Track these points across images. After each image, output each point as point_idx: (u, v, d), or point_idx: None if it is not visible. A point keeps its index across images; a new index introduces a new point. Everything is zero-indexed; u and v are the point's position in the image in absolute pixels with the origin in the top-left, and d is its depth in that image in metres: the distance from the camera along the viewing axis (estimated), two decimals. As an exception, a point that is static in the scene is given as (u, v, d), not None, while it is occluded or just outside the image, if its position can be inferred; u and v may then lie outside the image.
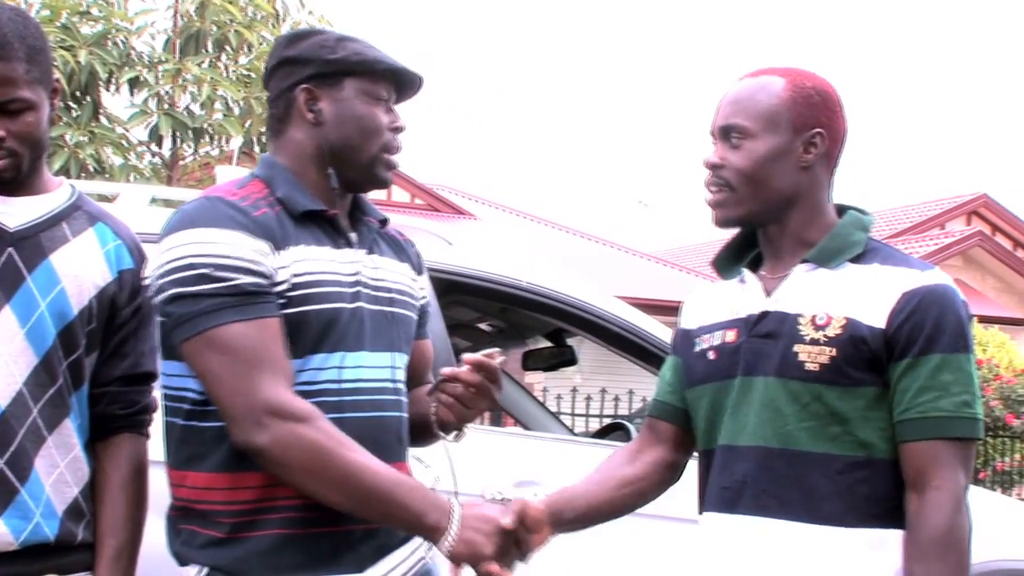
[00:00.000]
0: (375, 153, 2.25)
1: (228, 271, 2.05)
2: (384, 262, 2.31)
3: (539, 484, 3.25)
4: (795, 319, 2.14)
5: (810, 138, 2.18)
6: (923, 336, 2.06)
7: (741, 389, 2.18)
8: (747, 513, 2.15)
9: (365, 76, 2.24)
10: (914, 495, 2.05)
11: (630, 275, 19.26)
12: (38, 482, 2.05)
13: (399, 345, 2.29)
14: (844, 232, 2.20)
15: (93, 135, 9.55)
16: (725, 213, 2.22)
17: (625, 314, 3.68)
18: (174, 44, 10.16)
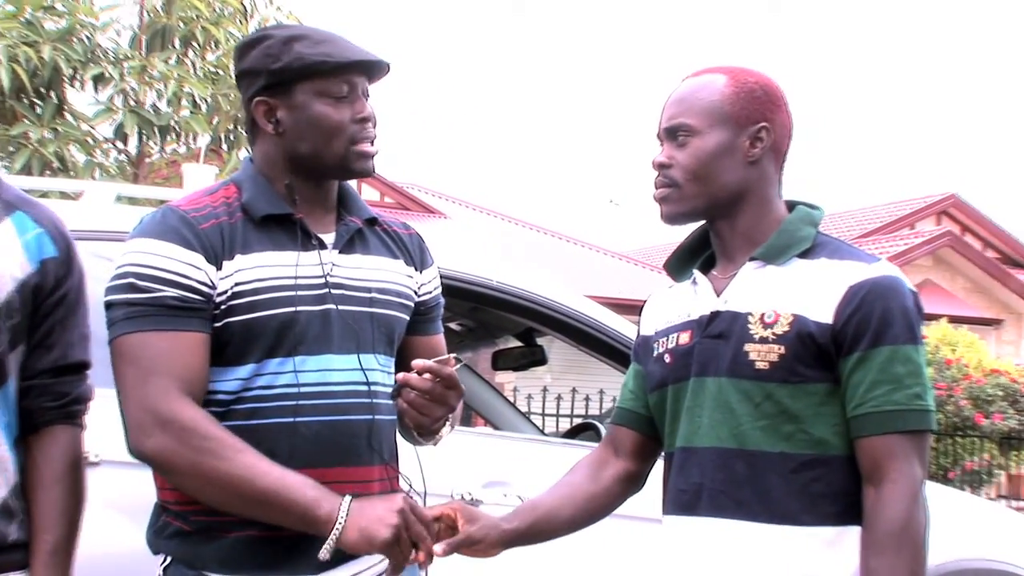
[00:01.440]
0: (342, 152, 2.24)
1: (154, 282, 2.11)
2: (366, 261, 2.30)
3: (509, 484, 3.25)
4: (745, 318, 2.14)
5: (755, 133, 2.19)
6: (871, 329, 2.06)
7: (695, 390, 2.18)
8: (705, 515, 2.15)
9: (315, 77, 2.22)
10: (871, 489, 2.05)
11: (600, 274, 19.32)
12: None
13: (378, 346, 2.27)
14: (792, 228, 2.20)
15: (57, 132, 9.51)
16: (671, 208, 2.22)
17: (595, 313, 3.68)
18: (140, 40, 10.12)
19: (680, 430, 2.22)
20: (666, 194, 2.21)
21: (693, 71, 2.29)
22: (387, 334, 2.30)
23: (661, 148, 2.23)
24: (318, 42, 2.23)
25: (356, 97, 2.25)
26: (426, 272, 2.44)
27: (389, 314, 2.30)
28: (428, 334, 2.46)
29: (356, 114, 2.24)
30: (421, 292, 2.42)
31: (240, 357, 2.17)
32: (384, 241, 2.37)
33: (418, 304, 2.41)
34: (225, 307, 2.15)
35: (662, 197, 2.22)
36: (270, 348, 2.16)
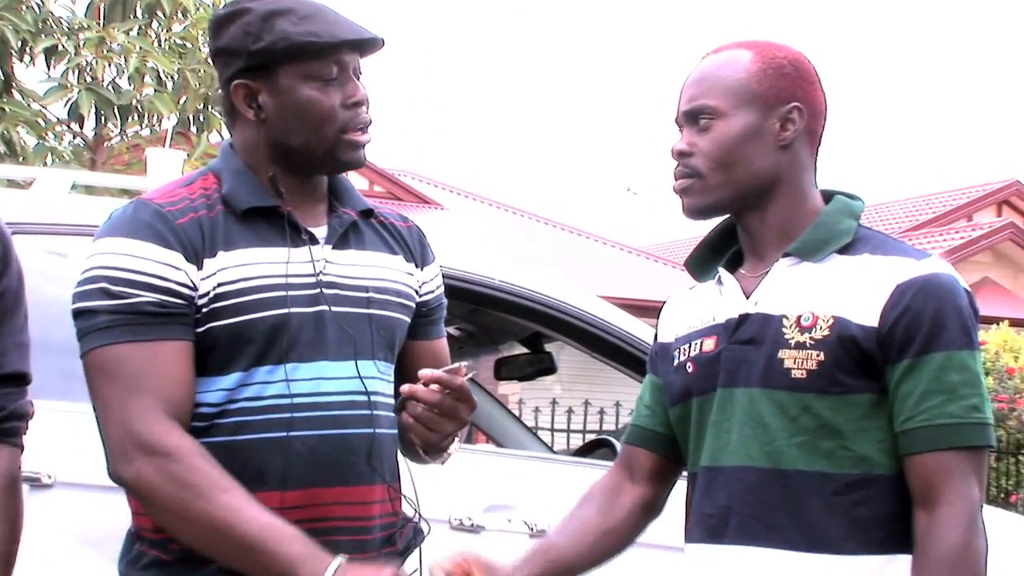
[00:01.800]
0: (332, 139, 2.23)
1: (130, 286, 2.11)
2: (362, 257, 2.30)
3: (514, 508, 3.26)
4: (779, 321, 2.13)
5: (786, 114, 2.18)
6: (922, 333, 2.04)
7: (721, 403, 2.18)
8: (734, 543, 2.14)
9: (301, 58, 2.21)
10: (923, 513, 2.04)
11: (616, 272, 19.32)
12: None
13: (377, 352, 2.27)
14: (830, 220, 2.19)
15: (3, 112, 9.52)
16: (693, 201, 2.21)
17: (610, 316, 3.69)
18: (98, 9, 10.13)
19: (705, 447, 2.21)
20: (688, 185, 2.20)
21: (714, 47, 2.27)
22: (387, 338, 2.30)
23: (680, 134, 2.23)
24: (303, 17, 2.20)
25: (347, 79, 2.24)
26: (427, 269, 2.44)
27: (389, 315, 2.30)
28: (430, 338, 2.46)
29: (348, 98, 2.24)
30: (423, 292, 2.42)
31: (225, 365, 2.18)
32: (381, 235, 2.37)
33: (419, 305, 2.41)
34: (207, 310, 2.15)
35: (683, 188, 2.21)
36: (259, 355, 2.17)
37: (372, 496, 2.24)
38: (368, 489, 2.23)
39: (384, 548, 2.26)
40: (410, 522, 2.37)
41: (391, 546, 2.28)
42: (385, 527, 2.27)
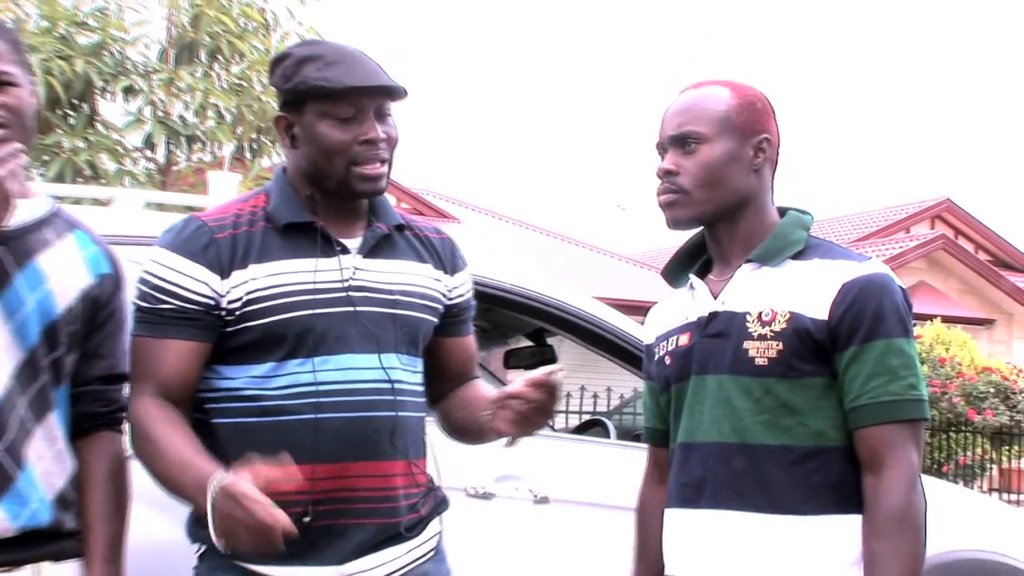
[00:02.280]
0: (342, 172, 2.22)
1: (160, 292, 2.19)
2: (391, 265, 2.29)
3: (521, 478, 3.25)
4: (743, 317, 2.14)
5: (758, 143, 2.20)
6: (865, 324, 2.07)
7: (695, 388, 2.18)
8: (707, 507, 2.15)
9: (320, 99, 2.21)
10: (870, 477, 2.06)
11: (608, 277, 19.30)
12: (30, 471, 2.04)
13: (400, 346, 2.26)
14: (785, 231, 2.21)
15: (89, 141, 9.52)
16: (678, 213, 2.21)
17: (603, 314, 3.68)
18: (168, 54, 10.14)
19: (681, 427, 2.22)
20: (674, 200, 2.20)
21: (691, 83, 2.28)
22: (410, 335, 2.29)
23: (663, 156, 2.22)
24: (328, 64, 2.21)
25: (364, 119, 2.22)
26: (457, 276, 2.43)
27: (413, 315, 2.29)
28: (459, 335, 2.45)
29: (360, 136, 2.22)
30: (452, 295, 2.41)
31: (259, 357, 2.19)
32: (413, 246, 2.36)
33: (449, 307, 2.40)
34: (240, 313, 2.18)
35: (669, 203, 2.21)
36: (290, 350, 2.18)
37: (394, 470, 2.23)
38: (390, 464, 2.22)
39: (409, 515, 2.25)
40: (435, 493, 2.36)
41: (415, 513, 2.27)
42: (409, 497, 2.26)
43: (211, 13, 9.90)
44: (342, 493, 2.17)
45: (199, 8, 9.96)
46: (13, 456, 2.01)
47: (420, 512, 2.29)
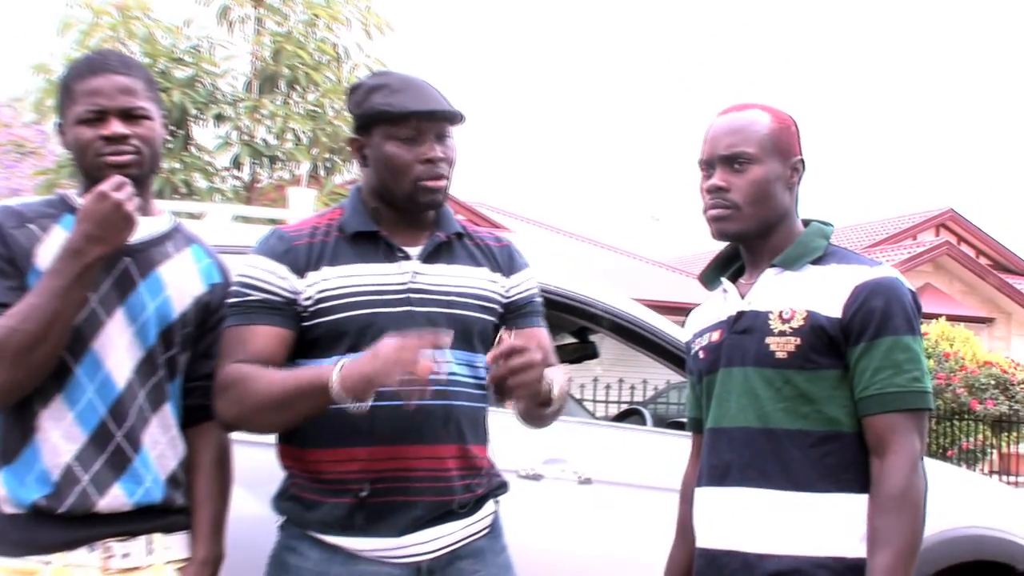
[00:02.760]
0: (408, 187, 2.24)
1: (248, 288, 2.21)
2: (448, 269, 2.30)
3: (566, 461, 3.24)
4: (765, 316, 2.15)
5: (794, 164, 2.21)
6: (874, 322, 2.07)
7: (723, 379, 2.19)
8: (734, 485, 2.15)
9: (386, 123, 2.23)
10: (876, 460, 2.06)
11: (644, 280, 19.23)
12: (146, 454, 2.09)
13: (455, 342, 2.22)
14: (806, 240, 2.21)
15: (184, 163, 9.66)
16: (728, 227, 2.19)
17: (640, 314, 3.66)
18: (252, 84, 10.24)
19: (711, 414, 2.23)
20: (725, 214, 2.18)
21: (730, 106, 2.26)
22: (464, 332, 2.27)
23: (710, 173, 2.20)
24: (393, 92, 2.23)
25: (424, 140, 2.23)
26: (515, 276, 2.40)
27: (467, 315, 2.29)
28: (524, 327, 2.39)
29: (421, 155, 2.23)
30: (510, 294, 2.39)
31: (328, 350, 2.20)
32: (471, 252, 2.36)
33: (508, 304, 2.38)
34: (313, 310, 2.21)
35: (720, 216, 2.19)
36: (352, 345, 2.18)
37: (445, 453, 2.22)
38: (444, 447, 2.21)
39: (463, 495, 2.25)
40: (493, 476, 2.35)
41: (470, 493, 2.26)
42: (464, 478, 2.25)
43: (290, 48, 10.00)
44: (398, 473, 2.18)
45: (279, 44, 10.06)
46: (131, 441, 2.07)
47: (476, 493, 2.28)
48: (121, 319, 2.08)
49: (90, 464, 2.02)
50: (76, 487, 2.01)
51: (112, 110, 2.07)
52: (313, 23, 10.37)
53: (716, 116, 2.25)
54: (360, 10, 10.44)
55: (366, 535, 2.17)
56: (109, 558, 2.01)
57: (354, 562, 2.17)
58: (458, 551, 2.24)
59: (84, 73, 2.10)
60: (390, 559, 2.18)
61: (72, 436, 2.02)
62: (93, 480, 2.02)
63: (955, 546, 3.42)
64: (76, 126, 2.08)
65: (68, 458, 2.01)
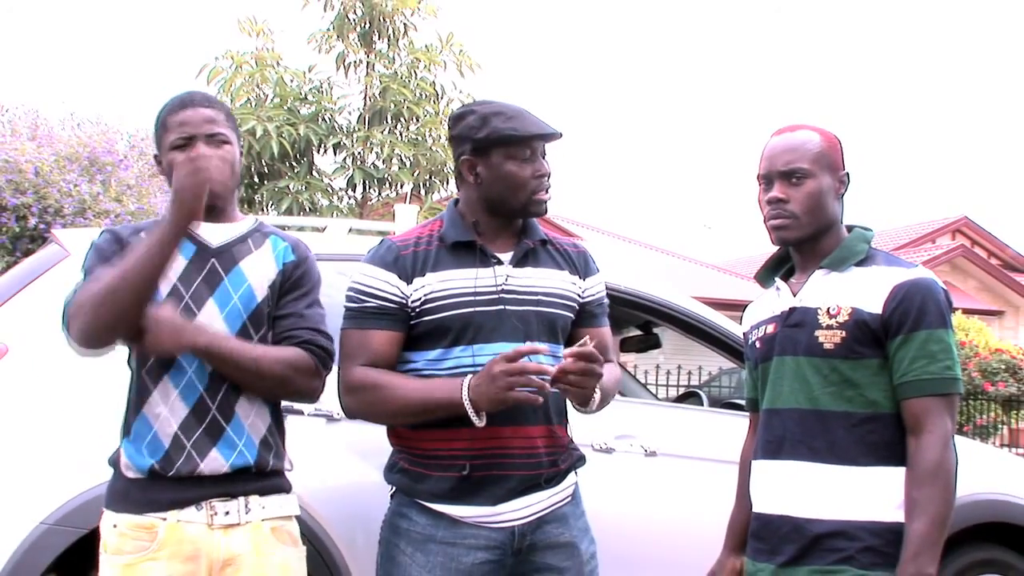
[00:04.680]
0: (524, 200, 2.24)
1: (362, 295, 2.21)
2: (535, 272, 2.27)
3: (634, 437, 3.20)
4: (815, 311, 2.11)
5: (842, 177, 2.18)
6: (911, 317, 2.03)
7: (777, 367, 2.16)
8: (786, 459, 2.11)
9: (506, 145, 2.21)
10: (912, 438, 2.02)
11: (699, 280, 19.02)
12: (239, 422, 2.07)
13: (542, 336, 2.23)
14: (851, 244, 2.16)
15: (308, 185, 9.80)
16: (788, 235, 2.16)
17: (696, 309, 3.61)
18: (364, 118, 10.35)
19: (767, 396, 2.19)
20: (785, 224, 2.15)
21: (783, 127, 2.23)
22: (549, 327, 2.26)
23: (769, 187, 2.16)
24: (509, 117, 2.22)
25: (536, 158, 2.24)
26: (589, 279, 2.38)
27: (552, 312, 2.27)
28: (594, 326, 2.37)
29: (535, 172, 2.23)
30: (585, 295, 2.36)
31: (432, 344, 2.20)
32: (553, 256, 2.33)
33: (583, 304, 2.35)
34: (419, 310, 2.19)
35: (781, 226, 2.15)
36: (454, 339, 2.18)
37: (536, 433, 2.20)
38: (534, 428, 2.20)
39: (549, 469, 2.22)
40: (573, 451, 2.32)
41: (555, 467, 2.23)
42: (550, 455, 2.23)
43: (395, 87, 10.12)
44: (495, 451, 2.16)
45: (386, 83, 10.18)
46: (223, 412, 2.06)
47: (560, 467, 2.25)
48: (212, 309, 2.08)
49: (192, 433, 2.03)
50: (183, 453, 2.02)
51: (199, 136, 2.09)
52: (415, 65, 10.48)
53: (771, 136, 2.21)
54: (455, 54, 10.49)
55: (467, 504, 2.16)
56: (213, 515, 2.02)
57: (457, 527, 2.16)
58: (545, 516, 2.21)
59: (175, 108, 2.13)
60: (488, 524, 2.16)
61: (177, 409, 2.04)
62: (194, 446, 2.02)
63: (973, 509, 3.35)
64: (170, 152, 2.10)
65: (175, 427, 2.03)
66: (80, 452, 2.50)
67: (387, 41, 10.45)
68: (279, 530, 2.10)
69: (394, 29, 10.39)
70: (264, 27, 10.28)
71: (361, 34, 10.39)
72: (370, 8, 10.18)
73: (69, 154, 8.73)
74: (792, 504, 2.09)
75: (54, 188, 8.15)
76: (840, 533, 2.02)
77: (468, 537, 2.15)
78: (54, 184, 8.17)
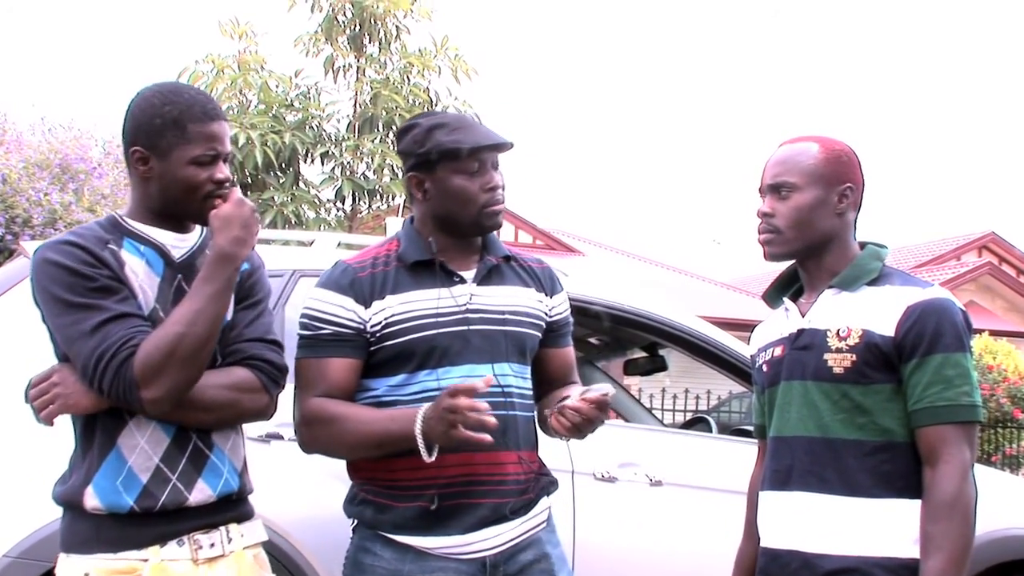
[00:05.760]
0: (475, 214, 2.24)
1: (316, 321, 2.20)
2: (500, 290, 2.28)
3: (639, 465, 3.22)
4: (824, 333, 2.11)
5: (842, 191, 2.16)
6: (926, 340, 2.02)
7: (784, 392, 2.16)
8: (795, 490, 2.11)
9: (451, 159, 2.22)
10: (928, 469, 2.01)
11: (707, 299, 19.03)
12: (219, 448, 2.06)
13: (511, 356, 2.25)
14: (863, 262, 2.16)
15: (294, 196, 9.80)
16: (774, 250, 2.18)
17: (704, 329, 3.62)
18: (354, 126, 10.37)
19: (773, 423, 2.19)
20: (770, 239, 2.17)
21: (787, 138, 2.25)
22: (518, 347, 2.27)
23: (763, 200, 2.20)
24: (454, 129, 2.23)
25: (485, 171, 2.24)
26: (555, 297, 2.39)
27: (520, 331, 2.28)
28: (559, 347, 2.40)
29: (485, 184, 2.24)
30: (552, 313, 2.38)
31: (396, 369, 2.20)
32: (519, 274, 2.35)
33: (550, 323, 2.37)
34: (380, 335, 2.19)
35: (766, 241, 2.18)
36: (419, 363, 2.19)
37: (505, 459, 2.21)
38: (503, 454, 2.20)
39: (521, 496, 2.23)
40: (544, 477, 2.33)
41: (525, 495, 2.24)
42: (519, 482, 2.24)
43: (386, 93, 10.13)
44: (465, 478, 2.17)
45: (377, 90, 10.20)
46: (203, 439, 2.04)
47: (529, 495, 2.26)
48: None
49: (175, 464, 2.00)
50: (167, 486, 1.98)
51: (223, 155, 2.04)
52: (408, 71, 10.50)
53: (776, 147, 2.24)
54: (450, 59, 10.53)
55: (435, 534, 2.17)
56: (198, 549, 2.00)
57: (424, 559, 2.16)
58: (519, 544, 2.22)
59: (201, 117, 2.01)
60: (457, 555, 2.17)
61: (157, 440, 1.99)
62: (180, 478, 2.00)
63: (997, 547, 3.33)
64: (188, 166, 2.00)
65: (156, 460, 1.99)
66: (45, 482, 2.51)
67: (378, 45, 10.47)
68: (259, 557, 2.11)
69: (386, 32, 10.42)
70: (247, 29, 10.30)
71: (351, 37, 10.43)
72: (360, 10, 10.20)
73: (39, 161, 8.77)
74: (801, 538, 2.09)
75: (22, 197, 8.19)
76: (852, 570, 2.02)
77: (436, 570, 2.16)
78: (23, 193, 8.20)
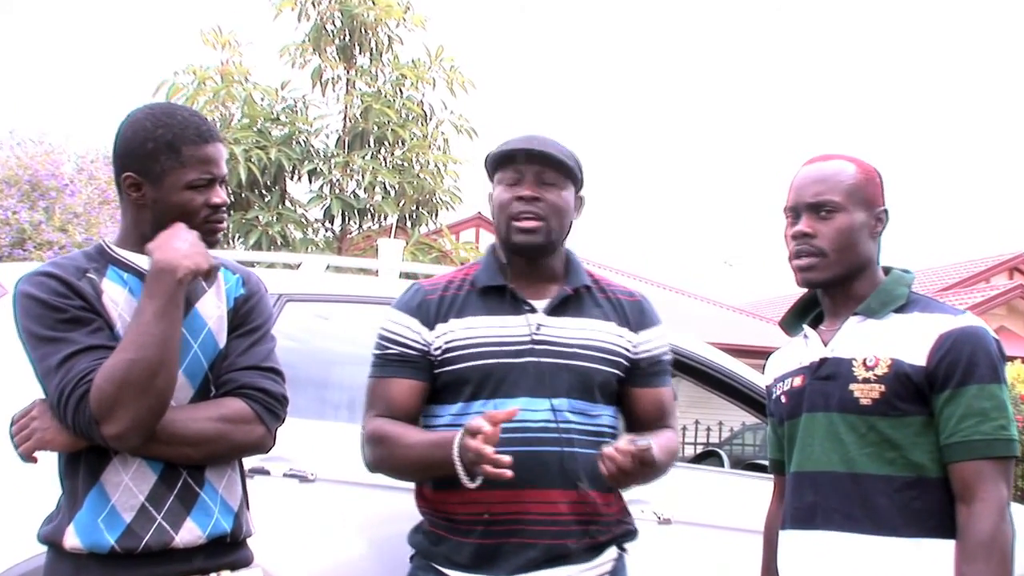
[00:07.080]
0: (504, 226, 2.30)
1: (385, 341, 2.33)
2: (573, 322, 2.31)
3: (648, 503, 3.21)
4: (849, 363, 2.11)
5: (879, 213, 2.18)
6: (960, 370, 2.02)
7: (806, 425, 2.15)
8: (820, 528, 2.10)
9: (497, 167, 2.33)
10: (963, 507, 2.00)
11: (718, 324, 19.02)
12: (211, 486, 2.04)
13: (572, 392, 2.25)
14: (889, 288, 2.17)
15: (280, 216, 9.80)
16: (815, 275, 2.16)
17: (716, 357, 3.62)
18: (343, 141, 10.40)
19: (794, 458, 2.19)
20: (813, 263, 2.16)
21: (815, 156, 2.24)
22: (583, 382, 2.27)
23: (796, 220, 2.18)
24: (508, 141, 2.32)
25: (524, 181, 2.29)
26: (643, 333, 2.39)
27: (588, 367, 2.29)
28: (648, 387, 2.39)
29: (517, 193, 2.29)
30: (637, 350, 2.37)
31: (453, 397, 2.27)
32: (600, 305, 2.36)
33: (635, 361, 2.36)
34: (441, 359, 2.27)
35: (809, 265, 2.16)
36: (474, 392, 2.24)
37: (560, 498, 2.22)
38: (559, 493, 2.22)
39: (583, 540, 2.24)
40: (620, 524, 2.35)
41: (590, 538, 2.26)
42: (581, 523, 2.24)
43: (377, 107, 10.16)
44: (514, 516, 2.19)
45: (368, 103, 10.23)
46: (194, 476, 2.02)
47: (597, 539, 2.27)
48: None
49: (162, 503, 1.98)
50: (152, 525, 1.96)
51: (219, 178, 2.05)
52: (400, 83, 10.54)
53: (802, 165, 2.23)
54: (445, 70, 10.58)
55: (483, 572, 2.20)
56: None
57: None
58: None
59: (196, 139, 2.02)
60: None
61: (143, 477, 1.98)
62: (166, 517, 1.97)
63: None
64: (184, 191, 2.01)
65: (142, 498, 1.97)
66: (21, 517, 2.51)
67: (369, 55, 10.53)
68: None
69: (377, 42, 10.48)
70: (231, 38, 10.37)
71: (340, 47, 10.48)
72: (350, 18, 10.25)
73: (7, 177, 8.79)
74: None
75: (-10, 216, 8.20)
76: None
77: None
78: (-10, 212, 8.22)
